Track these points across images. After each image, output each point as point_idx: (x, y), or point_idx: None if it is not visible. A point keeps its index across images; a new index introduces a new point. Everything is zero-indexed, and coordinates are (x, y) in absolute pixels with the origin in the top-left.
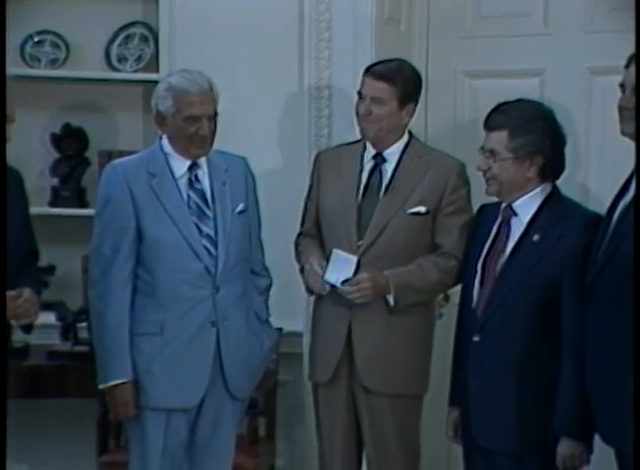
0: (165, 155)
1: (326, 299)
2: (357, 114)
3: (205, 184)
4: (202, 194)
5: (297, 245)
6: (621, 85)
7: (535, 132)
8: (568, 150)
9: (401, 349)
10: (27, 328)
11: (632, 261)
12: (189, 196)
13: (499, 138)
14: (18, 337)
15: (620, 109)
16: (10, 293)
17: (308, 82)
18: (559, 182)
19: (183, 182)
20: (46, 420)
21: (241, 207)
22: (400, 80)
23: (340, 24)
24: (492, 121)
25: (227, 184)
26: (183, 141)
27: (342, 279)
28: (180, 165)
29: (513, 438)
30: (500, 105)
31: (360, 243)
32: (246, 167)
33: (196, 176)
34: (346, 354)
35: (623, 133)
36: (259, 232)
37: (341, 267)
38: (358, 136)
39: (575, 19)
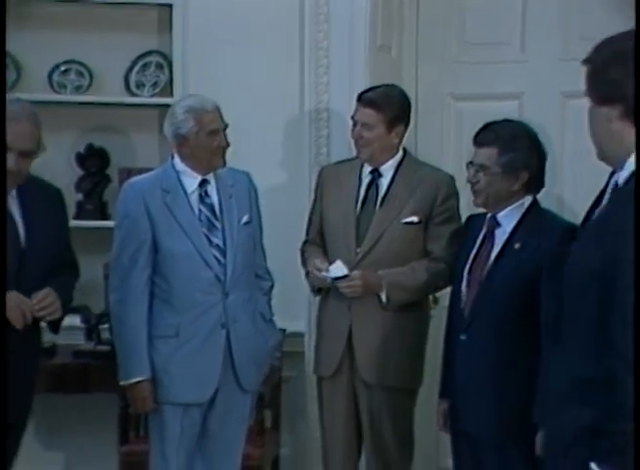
0: (177, 173)
1: (329, 300)
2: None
3: (214, 198)
4: (211, 208)
5: (302, 252)
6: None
7: (522, 149)
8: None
9: (397, 346)
10: (55, 329)
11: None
12: (200, 210)
13: (489, 154)
14: (46, 338)
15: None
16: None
17: (309, 105)
18: (538, 195)
19: (194, 197)
20: (72, 413)
21: (246, 218)
22: (386, 106)
23: (337, 52)
24: (482, 138)
25: (233, 198)
26: (207, 155)
27: (340, 275)
28: (191, 182)
29: (495, 426)
30: (489, 124)
31: (358, 250)
32: (249, 182)
33: (205, 192)
34: (347, 351)
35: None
36: (262, 240)
37: (339, 268)
38: (354, 154)
39: (550, 47)
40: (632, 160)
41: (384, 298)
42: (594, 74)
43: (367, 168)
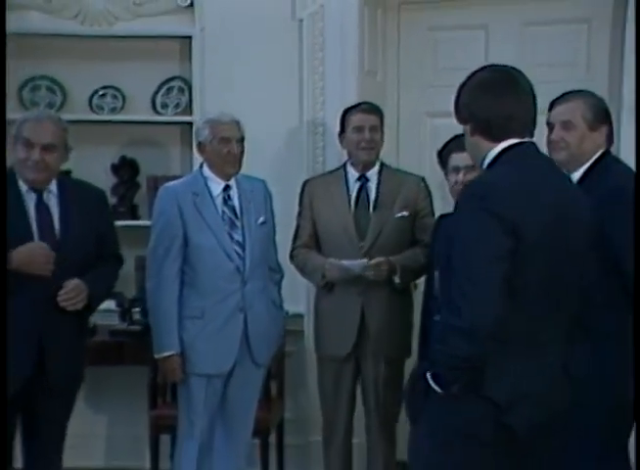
0: (205, 178)
1: (335, 292)
2: (357, 144)
3: (235, 201)
4: (232, 209)
5: (293, 256)
6: (548, 123)
7: None
8: None
9: (399, 323)
10: (85, 311)
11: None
12: (223, 211)
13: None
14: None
15: (550, 142)
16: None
17: (307, 121)
18: None
19: (219, 200)
20: (110, 383)
21: (262, 219)
22: (381, 113)
23: (331, 77)
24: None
25: (251, 202)
26: (219, 161)
27: (364, 265)
28: (216, 187)
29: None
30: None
31: (362, 244)
32: (265, 188)
33: (228, 195)
34: (360, 332)
35: (556, 161)
36: (274, 238)
37: (354, 261)
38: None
39: None
40: (488, 161)
41: (397, 279)
42: (454, 101)
43: (354, 176)
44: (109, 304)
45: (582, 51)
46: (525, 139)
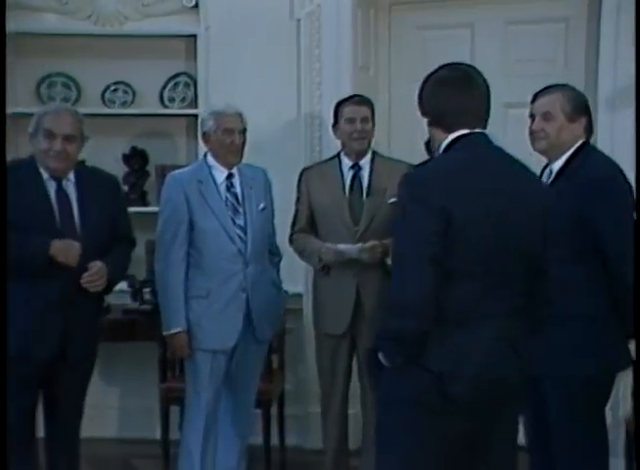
0: (209, 167)
1: (332, 274)
2: (350, 135)
3: (238, 189)
4: (235, 196)
5: (292, 240)
6: (531, 115)
7: None
8: None
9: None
10: (104, 292)
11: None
12: (226, 197)
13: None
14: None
15: (531, 132)
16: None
17: (304, 113)
18: None
19: (222, 187)
20: (123, 358)
21: (262, 205)
22: (372, 104)
23: (327, 72)
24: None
25: (253, 189)
26: (222, 151)
27: (355, 248)
28: (220, 175)
29: None
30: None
31: (357, 228)
32: (265, 176)
33: (231, 183)
34: (355, 311)
35: (535, 149)
36: (273, 222)
37: (350, 245)
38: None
39: (494, 67)
40: (441, 149)
41: (390, 261)
42: (418, 96)
43: (347, 164)
44: (121, 284)
45: (561, 48)
46: (476, 130)
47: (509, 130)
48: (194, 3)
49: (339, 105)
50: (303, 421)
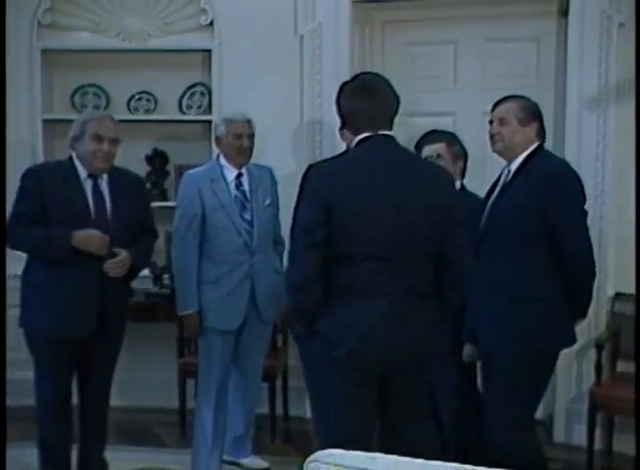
0: (221, 167)
1: None
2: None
3: (246, 187)
4: (243, 193)
5: None
6: (490, 121)
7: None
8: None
9: None
10: (129, 277)
11: (502, 230)
12: (235, 195)
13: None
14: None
15: (491, 136)
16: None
17: (307, 119)
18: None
19: (232, 185)
20: (146, 336)
21: (268, 201)
22: None
23: (327, 82)
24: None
25: (260, 187)
26: (233, 153)
27: None
28: (230, 174)
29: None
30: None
31: None
32: (271, 175)
33: (240, 182)
34: None
35: (493, 151)
36: (278, 216)
37: None
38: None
39: (475, 80)
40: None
41: None
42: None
43: None
44: (144, 271)
45: (533, 63)
46: (379, 132)
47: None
48: (209, 22)
49: None
50: (305, 393)
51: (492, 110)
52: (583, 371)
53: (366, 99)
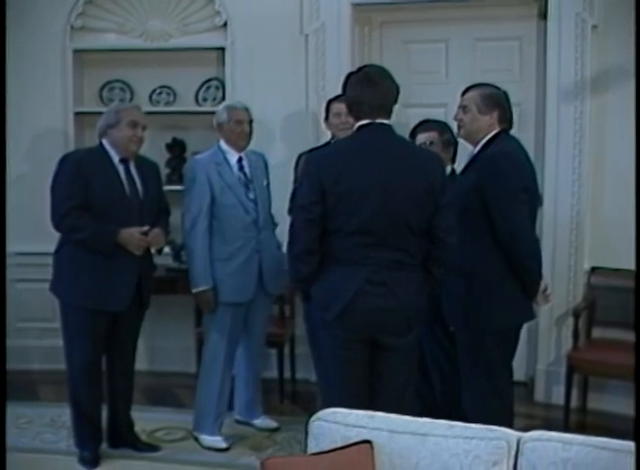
0: (223, 152)
1: None
2: (337, 126)
3: (247, 169)
4: (245, 175)
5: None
6: (460, 107)
7: None
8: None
9: None
10: (159, 251)
11: (458, 209)
12: (239, 176)
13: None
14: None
15: (456, 121)
16: (144, 228)
17: (311, 110)
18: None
19: (235, 168)
20: (166, 307)
21: (265, 182)
22: None
23: (330, 77)
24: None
25: (257, 169)
26: (235, 138)
27: None
28: (232, 158)
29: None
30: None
31: None
32: (264, 159)
33: (242, 164)
34: None
35: (458, 136)
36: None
37: None
38: None
39: (464, 75)
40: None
41: None
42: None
43: None
44: (165, 248)
45: (516, 60)
46: (377, 120)
47: None
48: (223, 23)
49: (329, 102)
50: (310, 359)
51: (461, 97)
52: (562, 337)
53: (371, 88)
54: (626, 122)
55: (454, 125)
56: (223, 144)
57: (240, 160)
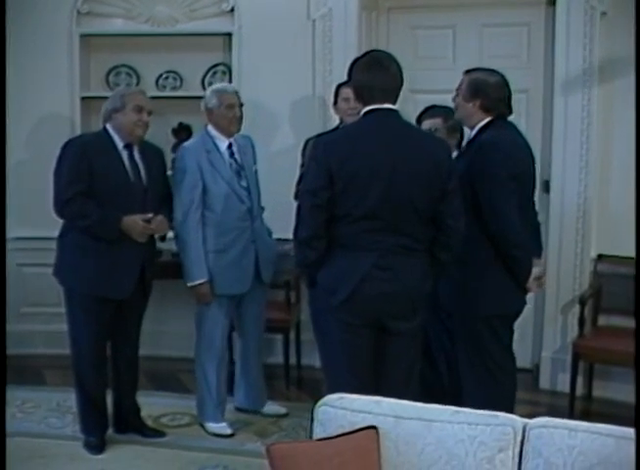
0: (212, 138)
1: None
2: (345, 111)
3: (237, 155)
4: (236, 161)
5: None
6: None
7: None
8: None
9: None
10: (162, 238)
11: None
12: (230, 163)
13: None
14: (158, 245)
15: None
16: (147, 216)
17: (318, 95)
18: None
19: (226, 155)
20: (172, 291)
21: (254, 168)
22: None
23: (337, 62)
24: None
25: (246, 154)
26: (226, 123)
27: None
28: (222, 144)
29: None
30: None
31: None
32: (251, 142)
33: (232, 151)
34: None
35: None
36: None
37: None
38: None
39: (471, 60)
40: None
41: None
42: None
43: None
44: (170, 234)
45: (524, 46)
46: (385, 105)
47: None
48: (230, 8)
49: (338, 87)
50: (315, 344)
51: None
52: (568, 324)
53: (379, 73)
54: (635, 110)
55: None
56: (212, 129)
57: (230, 146)
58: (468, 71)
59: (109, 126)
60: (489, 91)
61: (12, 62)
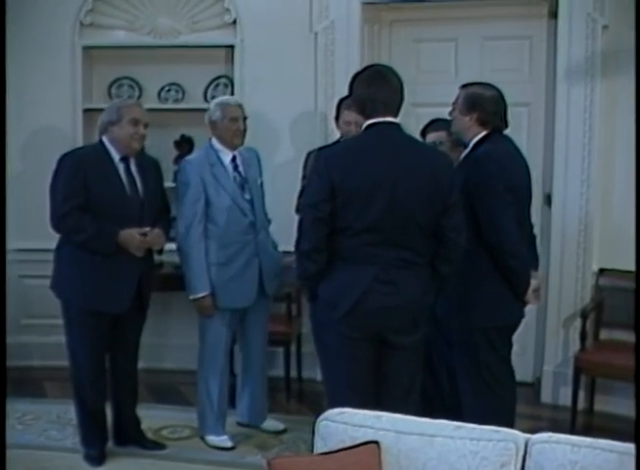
0: (216, 151)
1: None
2: (347, 125)
3: (241, 168)
4: (240, 174)
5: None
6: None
7: None
8: None
9: None
10: (160, 252)
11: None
12: (234, 176)
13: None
14: (157, 258)
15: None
16: (144, 229)
17: (320, 109)
18: None
19: (230, 168)
20: (174, 303)
21: (259, 181)
22: None
23: (339, 76)
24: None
25: (251, 167)
26: (229, 136)
27: None
28: (226, 157)
29: None
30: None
31: None
32: (257, 155)
33: (236, 164)
34: None
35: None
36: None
37: None
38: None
39: (472, 74)
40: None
41: None
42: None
43: None
44: (171, 246)
45: (526, 59)
46: (387, 118)
47: None
48: (232, 20)
49: (340, 102)
50: (316, 357)
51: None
52: (569, 338)
53: (380, 86)
54: (635, 125)
55: None
56: (216, 143)
57: (234, 159)
58: (464, 86)
59: (105, 139)
60: (485, 105)
61: (14, 73)
